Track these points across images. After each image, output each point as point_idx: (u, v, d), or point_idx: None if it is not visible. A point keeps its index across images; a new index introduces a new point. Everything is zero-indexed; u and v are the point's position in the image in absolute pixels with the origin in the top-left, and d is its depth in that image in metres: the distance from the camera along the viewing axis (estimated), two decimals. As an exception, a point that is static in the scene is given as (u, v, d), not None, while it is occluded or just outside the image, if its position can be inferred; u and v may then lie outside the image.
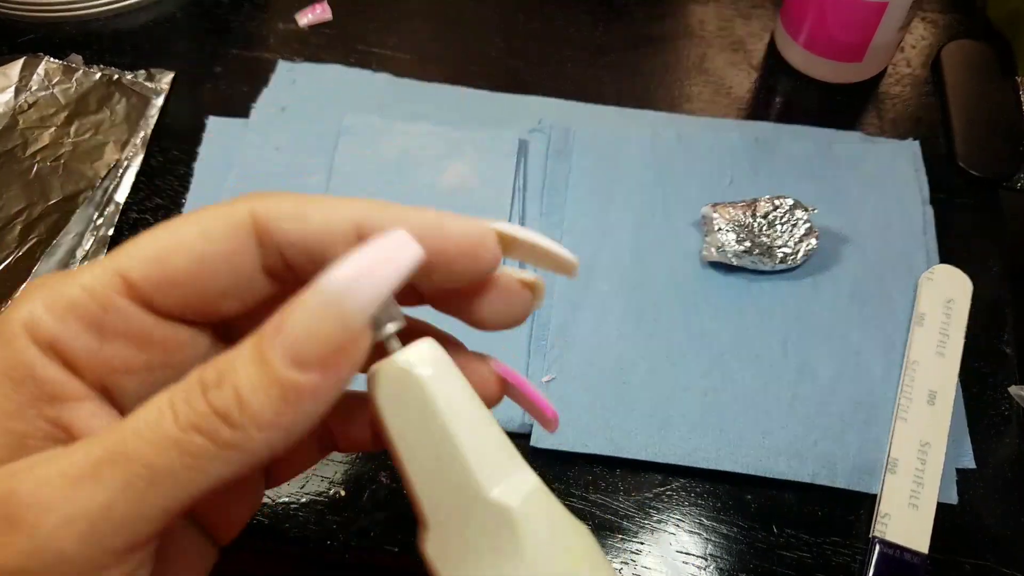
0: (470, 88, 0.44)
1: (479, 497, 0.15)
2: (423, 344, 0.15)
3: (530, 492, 0.15)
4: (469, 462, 0.15)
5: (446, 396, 0.15)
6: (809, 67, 0.44)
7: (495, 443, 0.15)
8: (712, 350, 0.35)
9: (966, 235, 0.39)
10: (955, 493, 0.32)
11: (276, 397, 0.13)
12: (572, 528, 0.16)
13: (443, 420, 0.15)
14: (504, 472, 0.15)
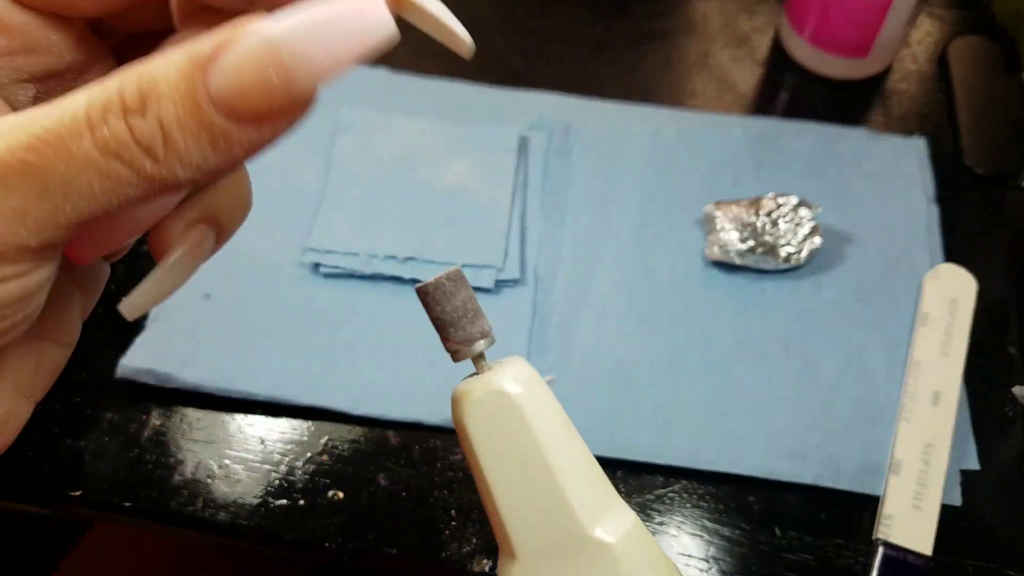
0: (470, 83, 0.43)
1: (580, 535, 0.15)
2: (517, 364, 0.15)
3: (630, 530, 0.15)
4: (570, 497, 0.14)
5: (546, 425, 0.15)
6: (814, 63, 0.44)
7: (594, 476, 0.15)
8: (714, 350, 0.35)
9: (971, 234, 0.39)
10: (959, 494, 0.32)
11: (205, 142, 0.12)
12: (665, 566, 0.15)
13: (543, 452, 0.14)
14: (604, 507, 0.15)
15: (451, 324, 0.15)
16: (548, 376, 0.34)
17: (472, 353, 0.15)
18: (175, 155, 0.12)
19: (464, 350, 0.15)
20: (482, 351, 0.15)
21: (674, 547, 0.31)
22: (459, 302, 0.15)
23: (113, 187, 0.12)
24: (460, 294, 0.15)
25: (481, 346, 0.15)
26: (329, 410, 0.33)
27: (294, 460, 0.33)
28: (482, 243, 0.37)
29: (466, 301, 0.15)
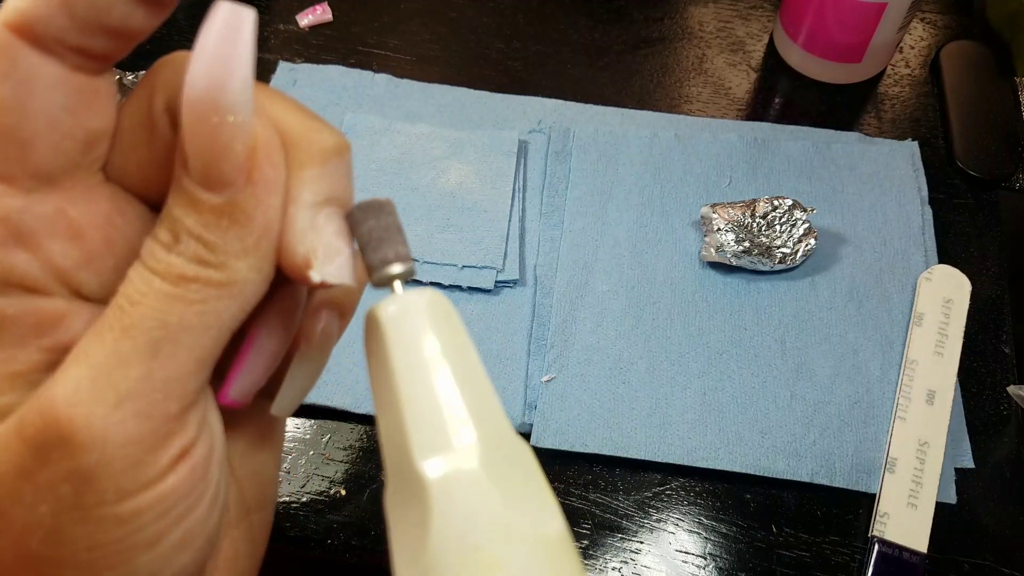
0: (470, 89, 0.44)
1: (409, 463, 0.14)
2: (415, 292, 0.14)
3: (464, 471, 0.13)
4: (407, 423, 0.14)
5: (408, 349, 0.14)
6: (808, 68, 0.44)
7: (453, 408, 0.14)
8: (711, 350, 0.35)
9: (965, 235, 0.40)
10: (954, 492, 0.32)
11: (228, 226, 0.13)
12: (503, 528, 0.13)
13: (395, 375, 0.14)
14: (449, 442, 0.13)
15: (367, 245, 0.15)
16: (546, 375, 0.35)
17: (384, 276, 0.15)
18: (222, 252, 0.13)
19: (379, 272, 0.15)
20: (394, 274, 0.15)
21: (671, 544, 0.32)
22: (381, 223, 0.14)
23: (202, 307, 0.13)
24: (383, 219, 0.15)
25: (394, 269, 0.14)
26: (332, 408, 0.34)
27: (297, 458, 0.33)
28: (482, 245, 0.38)
29: (389, 226, 0.15)
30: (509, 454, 0.14)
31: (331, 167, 0.14)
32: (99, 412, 0.12)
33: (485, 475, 0.13)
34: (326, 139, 0.14)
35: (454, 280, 0.37)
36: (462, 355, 0.14)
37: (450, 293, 0.37)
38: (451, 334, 0.14)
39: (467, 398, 0.14)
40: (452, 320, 0.15)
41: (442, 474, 0.13)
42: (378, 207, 0.15)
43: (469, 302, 0.37)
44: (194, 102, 0.12)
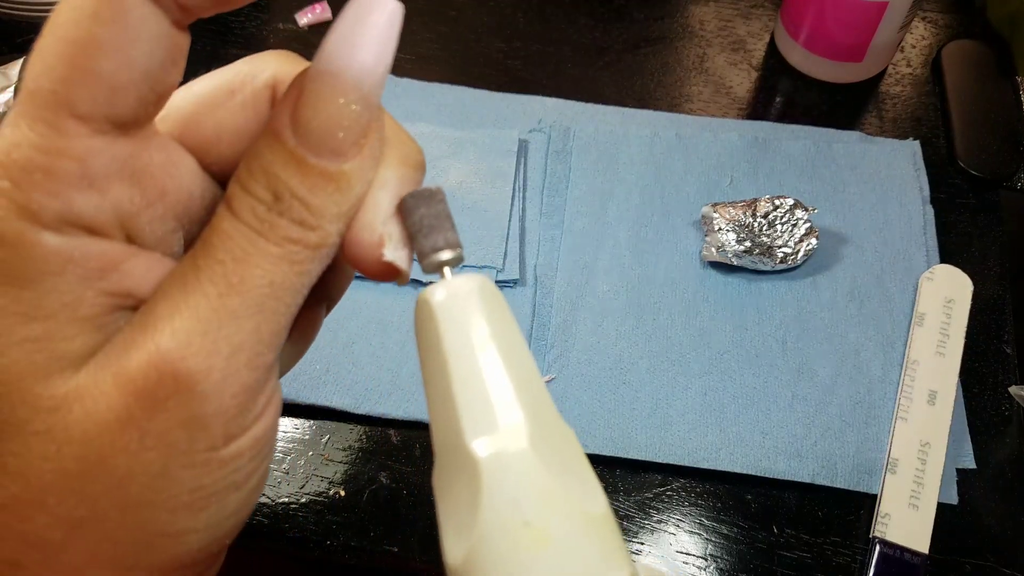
0: (470, 88, 0.44)
1: (460, 442, 0.14)
2: (464, 277, 0.15)
3: (513, 450, 0.14)
4: (458, 404, 0.14)
5: (459, 332, 0.14)
6: (809, 67, 0.44)
7: (503, 391, 0.14)
8: (712, 350, 0.35)
9: (966, 235, 0.39)
10: (955, 493, 0.32)
11: (333, 191, 0.14)
12: (551, 505, 0.14)
13: (446, 357, 0.14)
14: (498, 422, 0.14)
15: (419, 232, 0.15)
16: (547, 375, 0.35)
17: (435, 262, 0.15)
18: (321, 216, 0.14)
19: (430, 258, 0.15)
20: (445, 261, 0.15)
21: (672, 545, 0.32)
22: (432, 211, 0.15)
23: (302, 268, 0.14)
24: (435, 207, 0.15)
25: (444, 256, 0.15)
26: (331, 409, 0.34)
27: (296, 458, 0.33)
28: (482, 244, 0.37)
29: (440, 214, 0.15)
30: (555, 436, 0.14)
31: (415, 175, 0.15)
32: (217, 364, 0.13)
33: (534, 454, 0.14)
34: (416, 149, 0.15)
35: (454, 280, 0.36)
36: (510, 340, 0.15)
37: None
38: (500, 319, 0.15)
39: (515, 381, 0.14)
40: (500, 305, 0.15)
41: (492, 452, 0.14)
42: (429, 195, 0.15)
43: (469, 302, 0.36)
44: (335, 79, 0.13)
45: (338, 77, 0.13)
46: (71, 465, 0.13)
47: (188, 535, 0.14)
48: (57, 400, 0.13)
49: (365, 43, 0.13)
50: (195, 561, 0.15)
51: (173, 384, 0.13)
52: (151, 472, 0.13)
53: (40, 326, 0.13)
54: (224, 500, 0.14)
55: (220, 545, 0.15)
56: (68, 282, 0.13)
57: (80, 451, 0.13)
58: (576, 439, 0.15)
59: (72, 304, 0.13)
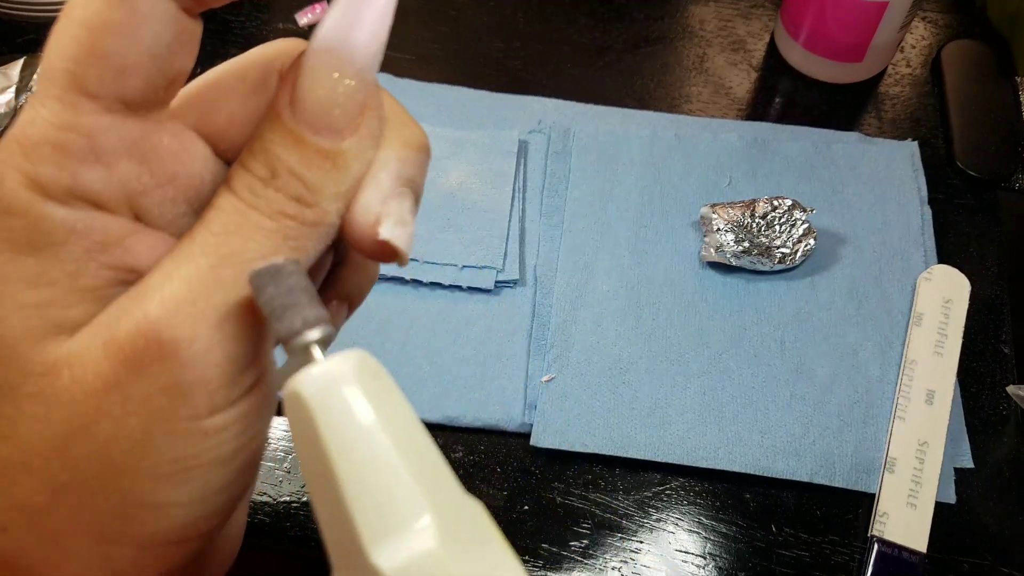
0: (470, 89, 0.44)
1: (361, 552, 0.12)
2: (337, 358, 0.13)
3: (419, 555, 0.12)
4: (351, 508, 0.12)
5: (341, 425, 0.12)
6: (809, 67, 0.44)
7: (401, 484, 0.12)
8: (710, 349, 0.35)
9: (964, 235, 0.40)
10: (953, 492, 0.32)
11: (330, 168, 0.14)
12: None
13: (330, 456, 0.12)
14: (399, 523, 0.12)
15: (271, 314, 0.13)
16: (546, 375, 0.35)
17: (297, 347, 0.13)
18: (318, 193, 0.14)
19: (290, 344, 0.13)
20: (307, 342, 0.13)
21: (671, 543, 0.32)
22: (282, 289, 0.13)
23: (296, 243, 0.14)
24: (284, 282, 0.13)
25: (307, 337, 0.13)
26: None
27: (297, 458, 0.33)
28: (482, 245, 0.38)
29: (291, 289, 0.13)
30: (464, 522, 0.13)
31: (420, 157, 0.15)
32: (203, 332, 0.13)
33: (445, 554, 0.12)
34: (419, 132, 0.15)
35: (454, 280, 0.37)
36: (401, 421, 0.13)
37: (450, 293, 0.37)
38: (386, 399, 0.13)
39: (413, 469, 0.13)
40: (384, 381, 0.13)
41: (399, 562, 0.12)
42: (274, 272, 0.13)
43: (469, 302, 0.37)
44: (330, 54, 0.13)
45: (332, 53, 0.13)
46: (58, 428, 0.13)
47: (171, 508, 0.14)
48: (48, 365, 0.13)
49: (359, 21, 0.13)
50: (180, 538, 0.14)
51: (157, 350, 0.13)
52: (133, 438, 0.13)
53: (41, 293, 0.13)
54: (208, 475, 0.14)
55: (206, 525, 0.15)
56: (71, 252, 0.13)
57: (66, 414, 0.13)
58: (487, 515, 0.13)
59: (74, 274, 0.13)
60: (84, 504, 0.13)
